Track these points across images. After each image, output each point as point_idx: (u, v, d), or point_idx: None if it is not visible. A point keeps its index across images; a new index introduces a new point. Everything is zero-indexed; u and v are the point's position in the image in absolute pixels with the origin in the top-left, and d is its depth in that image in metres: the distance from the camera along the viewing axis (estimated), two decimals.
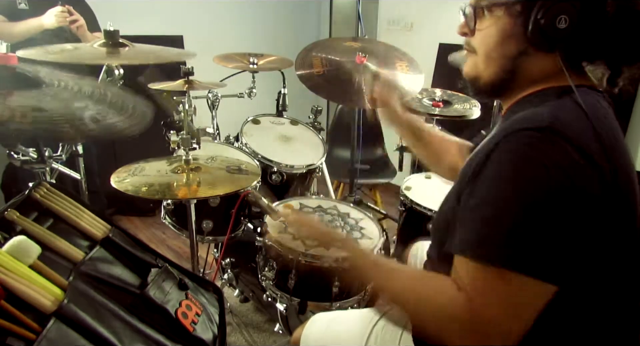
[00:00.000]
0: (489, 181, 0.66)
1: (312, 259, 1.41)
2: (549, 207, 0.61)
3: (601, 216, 0.64)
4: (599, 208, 0.63)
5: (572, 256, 0.63)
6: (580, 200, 0.62)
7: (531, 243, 0.61)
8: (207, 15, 3.30)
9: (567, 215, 0.62)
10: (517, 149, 0.64)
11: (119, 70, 1.40)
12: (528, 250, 0.62)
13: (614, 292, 0.72)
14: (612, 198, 0.64)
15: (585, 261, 0.64)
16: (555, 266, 0.62)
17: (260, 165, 1.69)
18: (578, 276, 0.65)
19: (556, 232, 0.62)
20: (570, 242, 0.62)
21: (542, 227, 0.61)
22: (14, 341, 0.64)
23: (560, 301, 0.65)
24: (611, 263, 0.69)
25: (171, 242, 2.71)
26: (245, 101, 2.11)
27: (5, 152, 1.08)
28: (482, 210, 0.66)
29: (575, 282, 0.65)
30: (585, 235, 0.63)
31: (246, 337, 1.90)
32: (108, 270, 0.89)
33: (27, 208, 0.89)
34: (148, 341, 0.81)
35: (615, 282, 0.71)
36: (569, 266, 0.63)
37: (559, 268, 0.62)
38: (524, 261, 0.61)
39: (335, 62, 1.78)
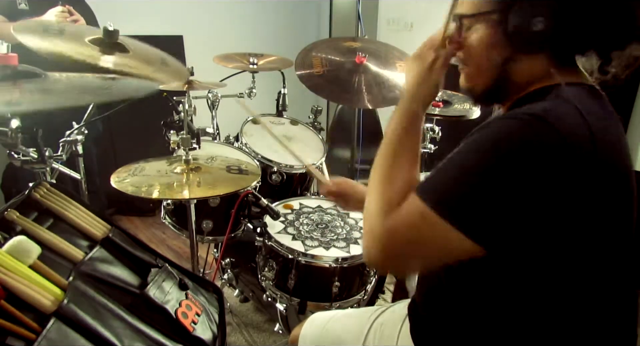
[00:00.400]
0: (467, 146, 0.69)
1: (312, 259, 1.41)
2: (509, 182, 0.63)
3: (572, 207, 0.64)
4: (571, 198, 0.64)
5: (509, 225, 0.65)
6: (550, 185, 0.63)
7: (468, 202, 0.65)
8: (207, 15, 3.29)
9: (524, 194, 0.63)
10: (502, 126, 0.67)
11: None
12: (456, 200, 0.66)
13: (588, 281, 0.72)
14: (591, 192, 0.65)
15: (525, 238, 0.66)
16: (483, 228, 0.65)
17: (260, 165, 1.69)
18: (510, 248, 0.67)
19: (503, 205, 0.64)
20: (515, 215, 0.64)
21: (489, 197, 0.64)
22: (14, 341, 0.65)
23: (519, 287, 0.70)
24: (583, 253, 0.70)
25: (171, 242, 2.71)
26: (245, 101, 2.10)
27: (6, 152, 1.08)
28: (446, 166, 0.70)
29: (513, 258, 0.68)
30: (543, 217, 0.64)
31: (246, 337, 1.90)
32: (108, 270, 0.89)
33: (27, 208, 0.89)
34: (148, 341, 0.81)
35: (593, 273, 0.72)
36: (502, 234, 0.65)
37: (487, 231, 0.65)
38: (447, 207, 0.66)
39: (335, 62, 1.78)
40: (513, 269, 0.71)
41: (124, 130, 2.85)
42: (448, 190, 0.67)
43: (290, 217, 1.62)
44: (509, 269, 0.71)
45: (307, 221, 1.61)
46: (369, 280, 1.51)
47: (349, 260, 1.41)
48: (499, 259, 0.69)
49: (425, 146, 2.10)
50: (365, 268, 1.47)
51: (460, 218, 0.65)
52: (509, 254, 0.68)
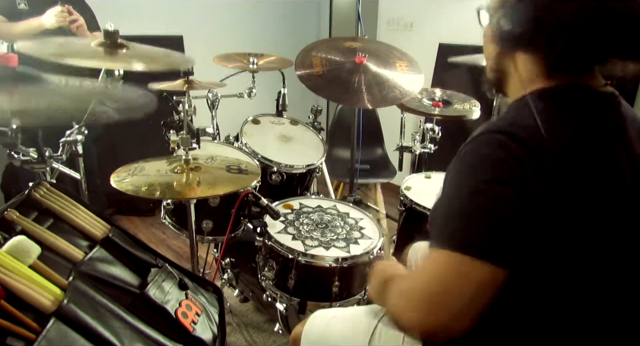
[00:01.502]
0: (449, 178, 0.74)
1: (312, 259, 1.41)
2: (490, 200, 0.66)
3: (551, 212, 0.66)
4: (546, 205, 0.65)
5: (514, 242, 0.66)
6: (521, 197, 0.65)
7: (469, 227, 0.67)
8: (207, 15, 3.29)
9: (506, 208, 0.66)
10: (474, 151, 0.71)
11: (118, 70, 1.40)
12: (466, 232, 0.67)
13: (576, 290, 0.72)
14: (559, 198, 0.66)
15: (532, 250, 0.67)
16: (495, 248, 0.66)
17: (260, 165, 1.69)
18: (530, 265, 0.68)
19: (493, 219, 0.66)
20: (511, 230, 0.66)
21: (481, 216, 0.67)
22: (14, 341, 0.65)
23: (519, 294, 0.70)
24: (566, 259, 0.70)
25: (171, 241, 2.71)
26: (245, 101, 2.10)
27: (6, 152, 1.08)
28: (442, 204, 0.74)
29: (525, 270, 0.68)
30: (526, 226, 0.66)
31: (246, 337, 1.90)
32: (108, 270, 0.89)
33: (27, 208, 0.89)
34: (148, 341, 0.81)
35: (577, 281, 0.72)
36: (511, 250, 0.66)
37: (498, 250, 0.66)
38: (461, 241, 0.66)
39: (335, 62, 1.78)
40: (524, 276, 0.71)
41: (124, 130, 2.84)
42: (456, 227, 0.68)
43: (290, 217, 1.62)
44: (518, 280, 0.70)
45: (307, 221, 1.61)
46: (369, 280, 1.51)
47: (349, 259, 1.41)
48: None
49: (425, 146, 2.10)
50: (366, 268, 1.47)
51: (477, 247, 0.65)
52: (528, 269, 0.69)
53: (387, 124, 3.04)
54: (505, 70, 0.82)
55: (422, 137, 2.09)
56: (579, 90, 0.75)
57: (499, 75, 0.84)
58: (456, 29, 2.91)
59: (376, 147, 3.05)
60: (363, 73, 1.74)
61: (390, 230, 1.78)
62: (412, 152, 2.12)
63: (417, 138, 2.10)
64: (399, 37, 3.33)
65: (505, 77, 0.82)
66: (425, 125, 2.08)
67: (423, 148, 2.10)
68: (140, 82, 1.30)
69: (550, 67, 0.75)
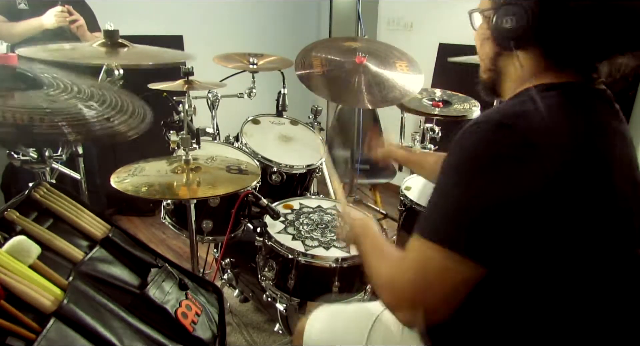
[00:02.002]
0: (443, 170, 0.72)
1: (312, 259, 1.41)
2: (484, 197, 0.66)
3: (543, 210, 0.65)
4: (539, 203, 0.65)
5: (498, 239, 0.66)
6: (518, 194, 0.65)
7: (456, 222, 0.67)
8: (207, 15, 3.29)
9: (500, 206, 0.65)
10: (467, 142, 0.70)
11: (118, 71, 1.40)
12: (453, 227, 0.67)
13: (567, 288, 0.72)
14: (559, 195, 0.65)
15: (519, 246, 0.67)
16: (476, 245, 0.66)
17: (260, 165, 1.69)
18: (510, 262, 0.68)
19: (484, 216, 0.66)
20: (498, 227, 0.65)
21: (471, 211, 0.66)
22: (14, 341, 0.65)
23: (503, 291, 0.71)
24: (561, 257, 0.70)
25: (171, 241, 2.71)
26: (245, 101, 2.10)
27: (6, 152, 1.08)
28: (433, 196, 0.73)
29: (509, 269, 0.69)
30: (518, 223, 0.66)
31: (246, 337, 1.90)
32: (108, 270, 0.89)
33: (27, 208, 0.89)
34: (148, 341, 0.81)
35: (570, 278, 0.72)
36: (494, 249, 0.66)
37: (480, 247, 0.66)
38: (447, 237, 0.67)
39: (335, 62, 1.78)
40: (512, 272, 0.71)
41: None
42: (439, 220, 0.69)
43: (290, 217, 1.62)
44: (510, 274, 0.71)
45: (307, 221, 1.61)
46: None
47: (348, 260, 1.41)
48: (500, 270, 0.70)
49: (425, 146, 2.10)
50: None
51: (464, 245, 0.66)
52: (509, 268, 0.69)
53: (387, 124, 3.04)
54: (502, 70, 0.81)
55: (422, 137, 2.09)
56: (582, 88, 0.75)
57: (494, 75, 0.83)
58: (456, 29, 2.91)
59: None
60: (363, 73, 1.74)
61: (390, 230, 1.78)
62: (412, 152, 2.12)
63: (417, 138, 2.10)
64: (399, 37, 3.33)
65: (501, 77, 0.82)
66: (425, 125, 2.08)
67: (423, 149, 2.10)
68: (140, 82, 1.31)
69: (553, 64, 0.74)
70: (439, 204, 0.71)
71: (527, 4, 0.71)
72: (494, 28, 0.77)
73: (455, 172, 0.70)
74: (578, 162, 0.68)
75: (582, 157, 0.68)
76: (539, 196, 0.65)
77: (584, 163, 0.68)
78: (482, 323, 0.78)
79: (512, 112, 0.70)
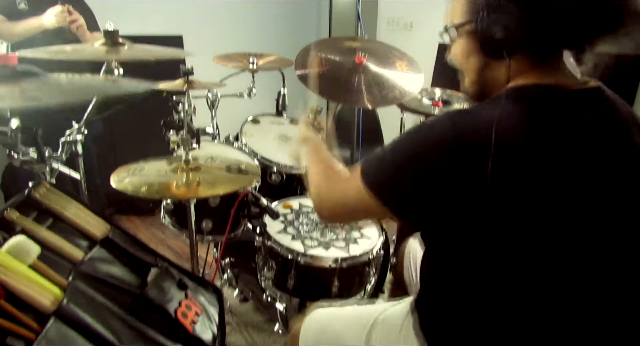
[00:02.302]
0: (407, 133, 0.81)
1: (311, 259, 1.41)
2: (422, 167, 0.74)
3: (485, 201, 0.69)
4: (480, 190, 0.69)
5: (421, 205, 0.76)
6: (450, 178, 0.70)
7: (392, 179, 0.78)
8: (207, 15, 3.29)
9: (427, 184, 0.73)
10: (429, 122, 0.78)
11: (118, 70, 1.40)
12: (387, 181, 0.79)
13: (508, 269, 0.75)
14: (485, 196, 0.69)
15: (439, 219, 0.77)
16: (398, 202, 0.78)
17: (260, 165, 1.69)
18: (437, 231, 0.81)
19: (414, 185, 0.75)
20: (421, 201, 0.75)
21: (407, 176, 0.75)
22: (14, 341, 0.65)
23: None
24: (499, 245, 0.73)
25: (171, 241, 2.71)
26: (245, 101, 2.10)
27: (5, 152, 1.08)
28: (387, 147, 0.82)
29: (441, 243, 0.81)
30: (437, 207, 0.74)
31: (246, 337, 1.90)
32: (108, 270, 0.89)
33: (27, 208, 0.89)
34: (148, 341, 0.81)
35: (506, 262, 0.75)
36: (412, 210, 0.79)
37: (400, 205, 0.79)
38: (378, 186, 0.79)
39: (335, 62, 1.78)
40: (486, 261, 0.75)
41: (124, 130, 2.84)
42: (376, 166, 0.82)
43: (289, 217, 1.62)
44: (483, 262, 0.76)
45: (307, 221, 1.61)
46: (369, 279, 1.51)
47: (348, 260, 1.41)
48: (473, 251, 0.75)
49: None
50: (365, 268, 1.47)
51: (379, 189, 0.79)
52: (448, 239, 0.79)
53: (387, 124, 3.04)
54: (489, 80, 0.81)
55: None
56: (550, 90, 0.75)
57: (481, 87, 0.83)
58: None
59: (376, 147, 3.04)
60: (363, 73, 1.74)
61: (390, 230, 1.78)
62: None
63: None
64: (399, 37, 3.33)
65: (488, 86, 0.82)
66: None
67: None
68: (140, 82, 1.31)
69: (538, 62, 0.75)
70: (386, 158, 0.80)
71: (510, 10, 0.71)
72: (484, 40, 0.76)
73: (409, 141, 0.79)
74: (522, 164, 0.68)
75: (535, 156, 0.69)
76: (460, 194, 0.70)
77: (533, 162, 0.69)
78: (473, 320, 0.80)
79: (465, 110, 0.76)
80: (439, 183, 0.71)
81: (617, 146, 0.74)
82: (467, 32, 0.79)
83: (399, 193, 0.77)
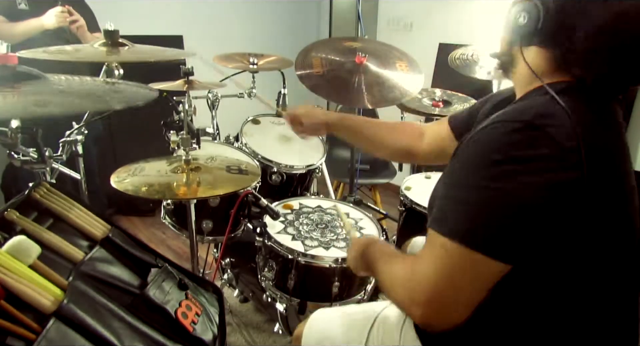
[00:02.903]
0: (466, 163, 0.71)
1: (311, 259, 1.41)
2: (514, 201, 0.65)
3: (564, 210, 0.65)
4: (562, 203, 0.65)
5: (522, 238, 0.66)
6: (545, 195, 0.64)
7: (476, 221, 0.66)
8: (207, 15, 3.30)
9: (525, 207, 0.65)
10: (492, 139, 0.68)
11: (118, 71, 1.40)
12: (472, 225, 0.66)
13: (588, 285, 0.73)
14: (582, 195, 0.66)
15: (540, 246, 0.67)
16: (499, 244, 0.66)
17: (260, 165, 1.69)
18: (533, 261, 0.68)
19: (505, 217, 0.65)
20: (523, 227, 0.65)
21: (492, 212, 0.66)
22: (14, 341, 0.65)
23: (528, 287, 0.71)
24: (580, 256, 0.70)
25: (171, 242, 2.71)
26: (245, 101, 2.11)
27: (6, 152, 1.08)
28: (449, 191, 0.72)
29: (530, 266, 0.69)
30: (541, 225, 0.65)
31: (246, 337, 1.90)
32: (108, 270, 0.89)
33: (27, 208, 0.89)
34: (148, 341, 0.81)
35: (590, 275, 0.73)
36: (519, 249, 0.66)
37: (503, 246, 0.66)
38: (470, 237, 0.65)
39: (335, 62, 1.78)
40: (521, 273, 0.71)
41: (124, 130, 2.85)
42: (463, 219, 0.67)
43: (290, 217, 1.62)
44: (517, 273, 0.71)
45: (307, 221, 1.61)
46: (369, 280, 1.51)
47: None
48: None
49: None
50: None
51: (484, 244, 0.65)
52: (530, 265, 0.69)
53: None
54: (514, 60, 0.81)
55: None
56: (596, 86, 0.74)
57: (506, 61, 0.84)
58: (456, 29, 2.92)
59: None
60: (363, 73, 1.74)
61: (390, 230, 1.78)
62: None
63: None
64: (399, 37, 3.33)
65: (513, 66, 0.82)
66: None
67: None
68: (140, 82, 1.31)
69: (562, 63, 0.74)
70: (457, 201, 0.69)
71: (545, 6, 0.71)
72: (508, 20, 0.78)
73: (477, 169, 0.68)
74: (599, 162, 0.68)
75: (602, 157, 0.69)
76: (567, 198, 0.65)
77: (603, 163, 0.68)
78: (472, 320, 0.77)
79: (538, 113, 0.68)
80: (531, 203, 0.64)
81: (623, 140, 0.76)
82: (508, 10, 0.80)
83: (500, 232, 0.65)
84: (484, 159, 0.67)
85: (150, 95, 0.99)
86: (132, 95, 0.99)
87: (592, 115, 0.70)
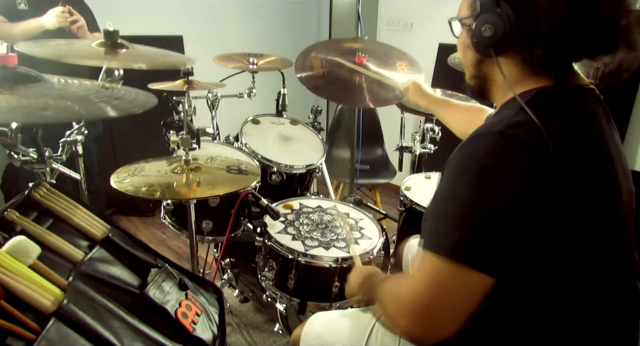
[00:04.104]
0: (447, 179, 0.72)
1: (311, 259, 1.41)
2: (494, 209, 0.66)
3: (542, 215, 0.66)
4: (540, 208, 0.66)
5: (506, 247, 0.66)
6: (523, 201, 0.65)
7: (462, 233, 0.66)
8: (207, 15, 3.29)
9: (506, 215, 0.65)
10: (468, 153, 0.70)
11: (118, 71, 1.40)
12: (459, 239, 0.66)
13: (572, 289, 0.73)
14: (558, 199, 0.66)
15: (525, 254, 0.67)
16: (486, 257, 0.66)
17: (260, 165, 1.69)
18: (517, 270, 0.68)
19: (492, 228, 0.66)
20: (505, 236, 0.66)
21: (482, 225, 0.66)
22: (14, 341, 0.65)
23: (511, 297, 0.71)
24: (564, 260, 0.70)
25: (171, 242, 2.71)
26: (245, 101, 2.11)
27: (6, 152, 1.08)
28: (435, 205, 0.73)
29: (515, 277, 0.69)
30: (521, 232, 0.66)
31: (246, 337, 1.90)
32: (108, 270, 0.89)
33: (27, 208, 0.89)
34: (148, 341, 0.81)
35: (575, 278, 0.73)
36: (503, 259, 0.66)
37: (491, 259, 0.66)
38: (454, 249, 0.66)
39: (335, 62, 1.78)
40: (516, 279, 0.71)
41: (124, 130, 2.85)
42: (445, 232, 0.68)
43: (290, 217, 1.62)
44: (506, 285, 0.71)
45: (307, 221, 1.61)
46: None
47: (348, 260, 1.41)
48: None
49: (425, 146, 2.10)
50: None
51: (466, 256, 0.66)
52: (517, 275, 0.69)
53: (387, 124, 3.04)
54: (488, 76, 0.82)
55: (422, 137, 2.10)
56: (569, 89, 0.75)
57: (481, 82, 0.84)
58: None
59: (376, 147, 3.05)
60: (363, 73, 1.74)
61: (390, 230, 1.78)
62: (412, 152, 2.13)
63: (417, 138, 2.10)
64: (399, 37, 3.33)
65: (488, 82, 0.83)
66: (425, 125, 2.08)
67: (423, 149, 2.10)
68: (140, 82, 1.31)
69: (532, 68, 0.75)
70: (441, 216, 0.70)
71: (504, 12, 0.72)
72: (474, 36, 0.77)
73: (457, 183, 0.70)
74: (579, 162, 0.68)
75: (582, 157, 0.69)
76: (544, 201, 0.65)
77: (578, 165, 0.69)
78: (482, 335, 0.77)
79: (509, 123, 0.69)
80: (510, 211, 0.65)
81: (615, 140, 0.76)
82: (467, 26, 0.81)
83: (483, 242, 0.66)
84: (462, 172, 0.69)
85: (148, 103, 0.99)
86: (129, 104, 0.98)
87: (564, 119, 0.71)
